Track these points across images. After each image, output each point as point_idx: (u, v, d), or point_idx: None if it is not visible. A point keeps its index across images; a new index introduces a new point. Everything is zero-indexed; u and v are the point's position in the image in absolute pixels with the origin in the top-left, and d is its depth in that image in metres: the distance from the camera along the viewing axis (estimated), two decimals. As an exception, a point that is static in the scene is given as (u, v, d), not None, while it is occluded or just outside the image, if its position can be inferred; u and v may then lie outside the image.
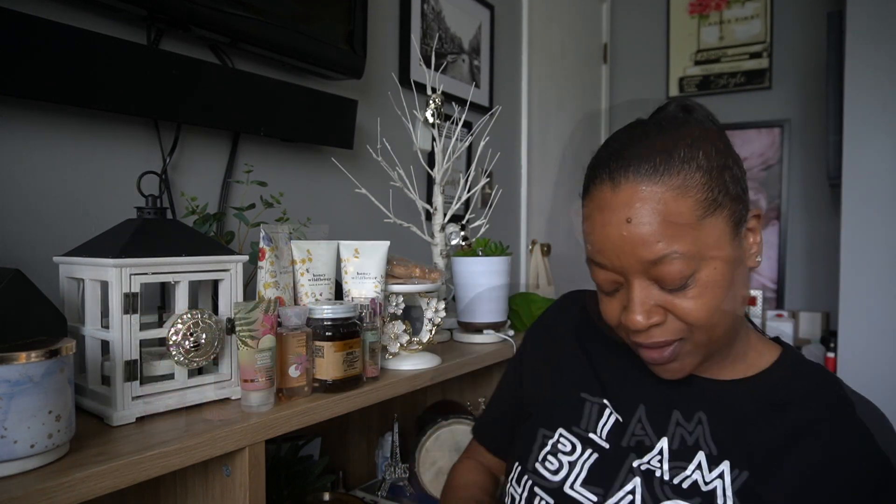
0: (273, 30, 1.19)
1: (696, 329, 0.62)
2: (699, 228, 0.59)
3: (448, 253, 1.36)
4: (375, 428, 1.47)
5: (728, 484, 0.62)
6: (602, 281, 0.65)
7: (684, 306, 0.61)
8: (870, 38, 2.02)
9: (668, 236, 0.58)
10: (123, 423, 0.72)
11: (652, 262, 0.59)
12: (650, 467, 0.66)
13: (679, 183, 0.59)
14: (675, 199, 0.58)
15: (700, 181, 0.59)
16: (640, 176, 0.59)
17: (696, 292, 0.60)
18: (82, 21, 0.98)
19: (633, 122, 0.70)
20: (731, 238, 0.62)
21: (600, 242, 0.62)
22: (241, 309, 0.78)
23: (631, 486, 0.65)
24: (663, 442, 0.67)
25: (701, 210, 0.59)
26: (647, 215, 0.58)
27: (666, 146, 0.60)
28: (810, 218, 2.79)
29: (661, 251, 0.58)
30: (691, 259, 0.59)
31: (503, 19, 2.24)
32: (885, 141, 2.02)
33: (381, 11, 1.64)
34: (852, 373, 2.05)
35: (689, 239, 0.59)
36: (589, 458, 0.69)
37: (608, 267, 0.63)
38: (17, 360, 0.56)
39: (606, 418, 0.71)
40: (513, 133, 2.34)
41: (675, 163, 0.59)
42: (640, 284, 0.62)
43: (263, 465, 0.78)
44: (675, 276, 0.59)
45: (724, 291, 0.61)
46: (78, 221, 0.99)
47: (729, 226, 0.61)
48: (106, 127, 1.04)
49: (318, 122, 1.33)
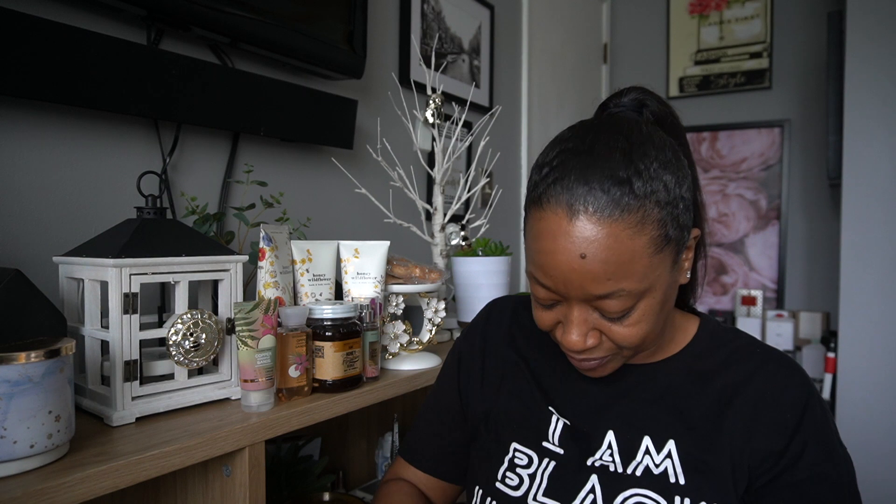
0: (273, 30, 1.19)
1: (626, 349, 0.65)
2: (648, 265, 0.59)
3: (448, 253, 1.36)
4: (375, 428, 1.47)
5: (676, 461, 0.65)
6: (541, 297, 0.65)
7: (620, 332, 0.63)
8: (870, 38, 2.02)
9: (619, 275, 0.58)
10: (123, 423, 0.72)
11: (598, 296, 0.60)
12: (603, 462, 0.68)
13: (637, 220, 0.58)
14: (630, 238, 0.58)
15: (657, 217, 0.59)
16: (601, 210, 0.58)
17: (633, 320, 0.62)
18: (82, 21, 0.98)
19: (594, 122, 0.67)
20: (672, 266, 0.63)
21: (548, 267, 0.61)
22: (240, 309, 0.78)
23: (589, 486, 0.67)
24: (610, 435, 0.69)
25: (653, 248, 0.59)
26: (602, 252, 0.58)
27: (629, 175, 0.58)
28: (810, 218, 2.79)
29: (609, 288, 0.59)
30: (636, 295, 0.60)
31: (503, 19, 2.24)
32: (885, 141, 2.02)
33: (381, 11, 1.64)
34: (852, 373, 2.05)
35: (637, 276, 0.59)
36: (547, 467, 0.70)
37: (551, 289, 0.62)
38: (17, 360, 0.56)
39: (555, 424, 0.72)
40: (513, 133, 2.34)
41: (637, 198, 0.58)
42: (580, 309, 0.62)
43: (263, 465, 0.78)
44: (617, 309, 0.61)
45: (658, 317, 0.63)
46: (78, 221, 0.99)
47: (673, 256, 0.62)
48: (106, 127, 1.04)
49: (318, 122, 1.33)
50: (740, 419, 0.66)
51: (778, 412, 0.65)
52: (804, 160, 2.80)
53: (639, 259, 0.58)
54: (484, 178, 1.43)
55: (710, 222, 2.99)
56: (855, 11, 2.04)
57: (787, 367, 0.69)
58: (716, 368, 0.70)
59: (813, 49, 2.76)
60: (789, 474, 0.63)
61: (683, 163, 0.64)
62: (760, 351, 0.71)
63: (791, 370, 0.68)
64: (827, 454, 0.64)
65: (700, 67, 3.02)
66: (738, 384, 0.68)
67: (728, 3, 2.95)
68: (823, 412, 0.66)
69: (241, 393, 0.80)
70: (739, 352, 0.71)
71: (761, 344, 0.72)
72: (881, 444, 2.00)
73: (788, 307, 2.83)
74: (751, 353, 0.71)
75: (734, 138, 2.94)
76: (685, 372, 0.71)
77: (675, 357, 0.72)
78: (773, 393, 0.66)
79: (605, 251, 0.58)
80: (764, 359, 0.69)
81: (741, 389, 0.67)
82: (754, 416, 0.65)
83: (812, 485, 0.63)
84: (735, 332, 0.74)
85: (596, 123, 0.66)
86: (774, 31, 2.86)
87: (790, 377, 0.67)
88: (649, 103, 0.72)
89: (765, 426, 0.65)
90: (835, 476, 0.63)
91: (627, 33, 3.21)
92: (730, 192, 2.94)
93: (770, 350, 0.71)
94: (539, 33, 2.48)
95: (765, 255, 2.88)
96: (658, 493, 0.64)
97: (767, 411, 0.65)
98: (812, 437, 0.64)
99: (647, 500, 0.64)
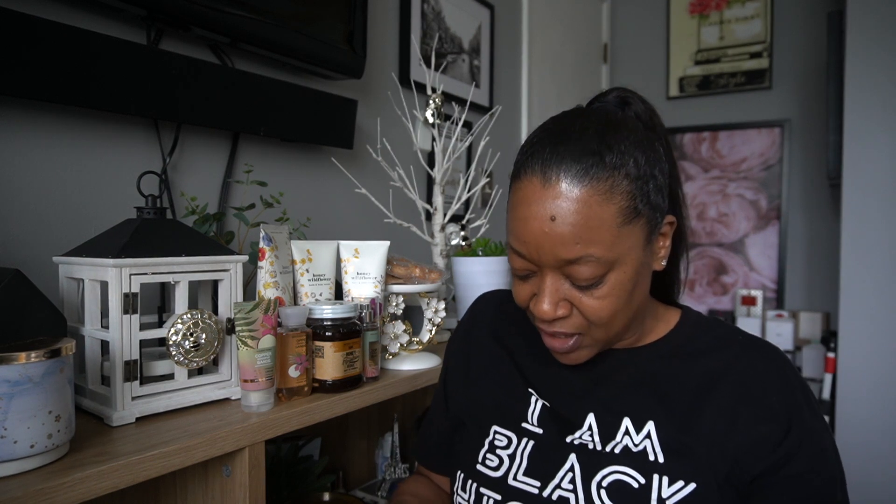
0: (273, 30, 1.19)
1: (595, 326, 0.66)
2: (617, 235, 0.62)
3: (448, 253, 1.36)
4: (375, 428, 1.47)
5: (655, 441, 0.66)
6: (518, 266, 0.67)
7: (589, 304, 0.65)
8: (870, 38, 2.02)
9: (586, 239, 0.61)
10: (123, 423, 0.72)
11: (567, 260, 0.62)
12: (583, 441, 0.69)
13: (606, 188, 0.61)
14: (599, 204, 0.61)
15: (625, 189, 0.62)
16: (570, 176, 0.61)
17: (603, 293, 0.64)
18: (82, 21, 0.98)
19: (575, 110, 0.71)
20: (644, 245, 0.65)
21: (522, 233, 0.64)
22: (240, 309, 0.78)
23: (568, 465, 0.68)
24: (590, 418, 0.70)
25: (621, 217, 0.62)
26: (571, 216, 0.61)
27: (600, 149, 0.62)
28: (810, 218, 2.79)
29: (577, 252, 0.61)
30: (605, 263, 0.62)
31: (503, 19, 2.24)
32: (885, 141, 2.02)
33: (381, 11, 1.64)
34: (852, 373, 2.05)
35: (605, 244, 0.61)
36: (526, 447, 0.72)
37: (525, 257, 0.65)
38: (17, 360, 0.56)
39: (534, 405, 0.74)
40: (513, 133, 2.34)
41: (606, 168, 0.61)
42: (552, 277, 0.65)
43: (263, 465, 0.78)
44: (586, 276, 0.63)
45: (627, 295, 0.65)
46: (78, 221, 0.99)
47: (644, 233, 0.65)
48: (106, 127, 1.04)
49: (318, 121, 1.33)
50: (723, 404, 0.66)
51: (764, 398, 0.66)
52: (804, 160, 2.80)
53: (607, 227, 0.61)
54: (484, 178, 1.42)
55: (709, 223, 2.99)
56: (855, 11, 2.04)
57: (769, 352, 0.70)
58: (697, 354, 0.71)
59: (813, 49, 2.76)
60: (789, 467, 0.64)
61: (658, 150, 0.67)
62: (742, 338, 0.72)
63: (773, 356, 0.69)
64: (820, 449, 0.65)
65: (700, 67, 3.02)
66: (720, 370, 0.69)
67: (728, 3, 2.95)
68: (806, 396, 0.68)
69: (241, 393, 0.80)
70: (721, 339, 0.72)
71: (743, 332, 0.74)
72: (881, 443, 2.00)
73: (788, 307, 2.83)
74: (732, 340, 0.72)
75: (734, 138, 2.93)
76: (666, 357, 0.72)
77: (656, 343, 0.74)
78: (755, 378, 0.67)
79: (574, 215, 0.61)
80: (745, 345, 0.71)
81: (723, 375, 0.68)
82: (737, 402, 0.66)
83: (812, 475, 0.64)
84: (717, 322, 0.76)
85: (575, 111, 0.71)
86: (774, 31, 2.86)
87: (771, 362, 0.69)
88: (632, 101, 0.74)
89: (749, 411, 0.65)
90: (829, 470, 0.65)
91: (627, 33, 3.21)
92: (730, 192, 2.94)
93: (752, 337, 0.72)
94: (539, 33, 2.48)
95: (765, 255, 2.88)
96: (636, 471, 0.65)
97: (751, 397, 0.66)
98: (806, 429, 0.65)
99: (625, 477, 0.65)
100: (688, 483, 0.63)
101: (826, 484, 0.64)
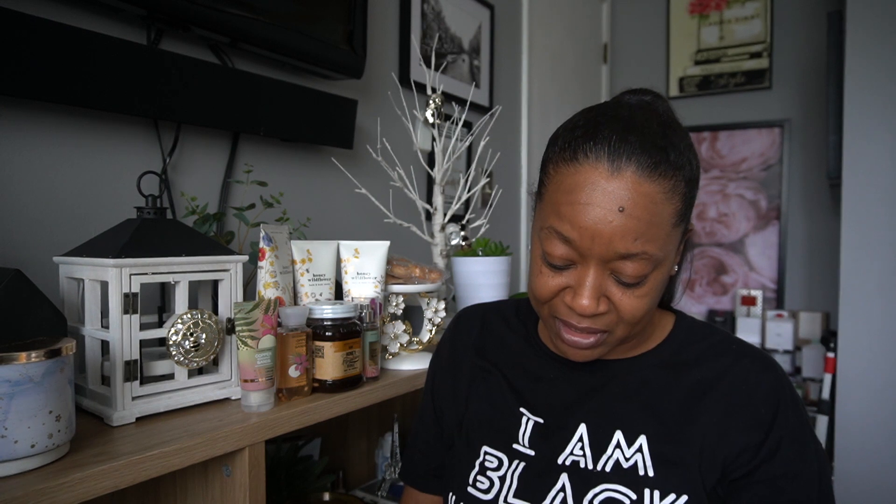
0: (273, 30, 1.19)
1: (623, 324, 0.64)
2: (668, 235, 0.61)
3: (448, 253, 1.36)
4: (375, 428, 1.47)
5: (647, 454, 0.65)
6: (558, 254, 0.62)
7: (628, 303, 0.62)
8: (870, 38, 2.02)
9: (647, 236, 0.59)
10: (123, 423, 0.72)
11: (622, 255, 0.59)
12: (574, 457, 0.68)
13: (669, 187, 0.60)
14: (662, 202, 0.59)
15: (682, 191, 0.61)
16: (642, 168, 0.58)
17: (643, 292, 0.62)
18: (82, 21, 0.98)
19: (623, 100, 0.69)
20: (677, 247, 0.66)
21: (580, 219, 0.59)
22: (241, 309, 0.78)
23: (560, 485, 0.67)
24: (581, 428, 0.69)
25: (675, 218, 0.61)
26: (639, 210, 0.58)
27: (665, 145, 0.60)
28: (810, 218, 2.80)
29: (636, 248, 0.59)
30: (654, 261, 0.61)
31: (503, 19, 2.24)
32: (885, 141, 2.02)
33: (381, 11, 1.64)
34: (852, 373, 2.05)
35: (659, 243, 0.60)
36: (517, 468, 0.70)
37: (573, 243, 0.61)
38: (17, 360, 0.56)
39: (525, 425, 0.72)
40: (513, 133, 2.34)
41: (671, 166, 0.60)
42: (598, 270, 0.61)
43: (263, 465, 0.78)
44: (636, 273, 0.61)
45: (658, 295, 0.64)
46: (78, 221, 0.99)
47: (680, 236, 0.65)
48: (106, 127, 1.04)
49: (318, 122, 1.33)
50: (714, 413, 0.66)
51: (753, 407, 0.65)
52: (804, 160, 2.80)
53: (664, 226, 0.60)
54: (484, 178, 1.43)
55: (709, 223, 2.99)
56: (855, 11, 2.04)
57: (762, 362, 0.69)
58: (690, 363, 0.70)
59: (813, 49, 2.76)
60: (764, 470, 0.64)
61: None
62: (736, 347, 0.71)
63: (765, 365, 0.68)
64: (800, 451, 0.64)
65: (700, 67, 3.02)
66: (713, 379, 0.68)
67: (728, 3, 2.95)
68: (797, 408, 0.67)
69: (241, 393, 0.80)
70: (714, 347, 0.71)
71: (737, 340, 0.72)
72: (881, 444, 2.00)
73: (788, 307, 2.83)
74: (726, 348, 0.71)
75: (734, 138, 2.94)
76: (659, 367, 0.71)
77: (650, 353, 0.72)
78: (747, 388, 0.66)
79: (642, 209, 0.58)
80: (738, 354, 0.70)
81: (716, 384, 0.67)
82: (729, 411, 0.65)
83: (786, 480, 0.63)
84: (711, 328, 0.75)
85: (623, 101, 0.68)
86: (774, 31, 2.86)
87: (764, 372, 0.68)
88: (660, 106, 0.72)
89: (740, 421, 0.65)
90: (807, 473, 0.64)
91: (627, 33, 3.21)
92: (730, 192, 2.94)
93: (745, 346, 0.71)
94: (539, 33, 2.48)
95: (765, 255, 2.88)
96: (628, 487, 0.64)
97: (742, 406, 0.65)
98: (787, 433, 0.65)
99: (617, 494, 0.64)
100: (679, 496, 0.62)
101: (802, 487, 0.64)
